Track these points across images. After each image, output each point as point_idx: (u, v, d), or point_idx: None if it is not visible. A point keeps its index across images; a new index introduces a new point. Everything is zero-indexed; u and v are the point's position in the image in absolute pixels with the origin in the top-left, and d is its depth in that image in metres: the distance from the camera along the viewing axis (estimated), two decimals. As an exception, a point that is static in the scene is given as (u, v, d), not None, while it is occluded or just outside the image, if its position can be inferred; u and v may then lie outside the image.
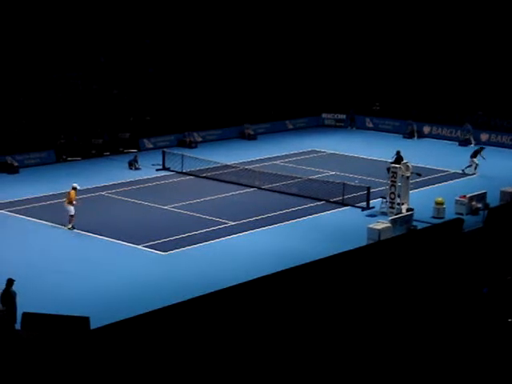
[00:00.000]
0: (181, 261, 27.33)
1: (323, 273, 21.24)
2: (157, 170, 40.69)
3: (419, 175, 36.03)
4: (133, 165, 40.82)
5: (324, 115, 56.40)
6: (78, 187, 30.90)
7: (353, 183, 36.12)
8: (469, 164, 41.44)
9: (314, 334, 16.85)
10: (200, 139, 48.74)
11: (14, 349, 15.89)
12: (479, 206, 33.23)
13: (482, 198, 33.78)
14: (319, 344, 16.36)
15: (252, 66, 55.78)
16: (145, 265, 26.79)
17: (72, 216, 30.09)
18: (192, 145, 47.07)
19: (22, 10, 46.79)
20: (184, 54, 53.26)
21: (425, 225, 30.77)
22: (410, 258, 23.00)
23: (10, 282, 20.22)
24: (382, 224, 29.21)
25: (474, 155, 41.72)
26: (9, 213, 32.43)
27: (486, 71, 52.86)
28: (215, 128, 50.06)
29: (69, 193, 30.33)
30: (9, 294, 20.20)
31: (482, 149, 42.46)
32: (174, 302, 18.72)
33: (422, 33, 56.20)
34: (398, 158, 36.52)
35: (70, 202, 30.09)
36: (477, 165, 41.23)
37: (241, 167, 40.21)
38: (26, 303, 21.18)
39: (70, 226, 30.07)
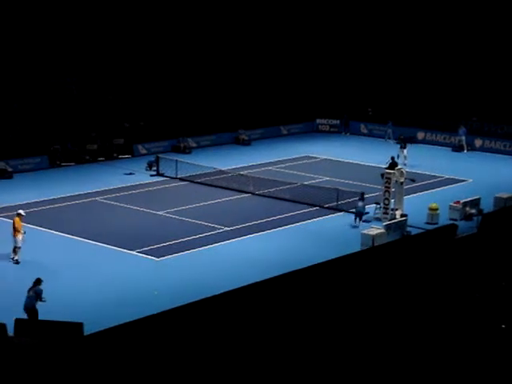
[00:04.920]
0: (174, 266, 27.28)
1: (317, 278, 21.24)
2: (151, 175, 40.67)
3: (413, 181, 36.07)
4: (151, 166, 41.00)
5: (318, 121, 56.48)
6: (23, 213, 27.78)
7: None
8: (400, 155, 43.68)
9: (307, 339, 16.84)
10: (194, 145, 48.75)
11: (8, 355, 15.84)
12: (473, 211, 33.26)
13: (475, 203, 33.81)
14: (313, 349, 16.35)
15: (246, 72, 55.81)
16: (138, 270, 26.74)
17: (19, 248, 26.89)
18: (186, 150, 47.05)
19: (16, 16, 46.75)
20: (179, 59, 53.27)
21: (419, 230, 30.81)
22: (403, 264, 23.02)
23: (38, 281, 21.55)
24: (375, 230, 29.22)
25: (404, 146, 44.11)
26: (2, 218, 32.34)
27: (480, 78, 52.98)
28: (209, 133, 50.08)
29: (13, 221, 27.18)
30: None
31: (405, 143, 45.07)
32: (167, 308, 18.71)
33: (417, 39, 56.30)
34: (392, 164, 36.58)
35: (18, 231, 26.87)
36: (405, 156, 43.60)
37: (235, 173, 40.19)
38: (19, 309, 21.15)
39: (16, 258, 26.91)
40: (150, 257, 28.01)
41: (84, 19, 49.32)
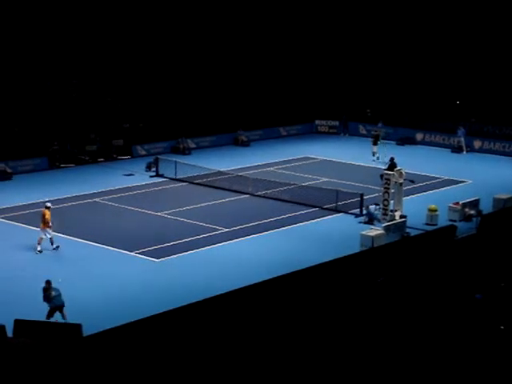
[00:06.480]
0: (174, 268, 27.28)
1: (316, 280, 21.23)
2: (150, 176, 40.67)
3: (412, 182, 36.08)
4: (151, 167, 41.01)
5: (317, 122, 56.50)
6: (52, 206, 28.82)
7: None
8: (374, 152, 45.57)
9: (306, 341, 16.83)
10: (193, 146, 48.76)
11: (6, 356, 15.82)
12: (472, 212, 33.27)
13: (475, 204, 33.83)
14: (310, 351, 16.34)
15: (245, 73, 55.84)
16: (138, 272, 26.73)
17: (51, 238, 28.07)
18: (185, 151, 47.07)
19: (17, 18, 46.76)
20: (178, 60, 53.29)
21: (418, 231, 30.80)
22: (403, 265, 23.01)
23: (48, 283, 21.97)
24: (375, 231, 29.24)
25: (375, 143, 45.65)
26: (1, 219, 32.34)
27: (479, 79, 53.02)
28: (209, 134, 50.10)
29: (44, 213, 28.02)
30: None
31: (378, 135, 46.40)
32: (166, 309, 18.70)
33: (416, 40, 56.35)
34: (392, 165, 36.57)
35: (47, 224, 27.91)
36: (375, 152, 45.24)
37: (234, 174, 40.20)
38: (17, 310, 21.13)
39: (39, 249, 28.09)
40: (149, 258, 28.01)
41: (83, 21, 49.36)
